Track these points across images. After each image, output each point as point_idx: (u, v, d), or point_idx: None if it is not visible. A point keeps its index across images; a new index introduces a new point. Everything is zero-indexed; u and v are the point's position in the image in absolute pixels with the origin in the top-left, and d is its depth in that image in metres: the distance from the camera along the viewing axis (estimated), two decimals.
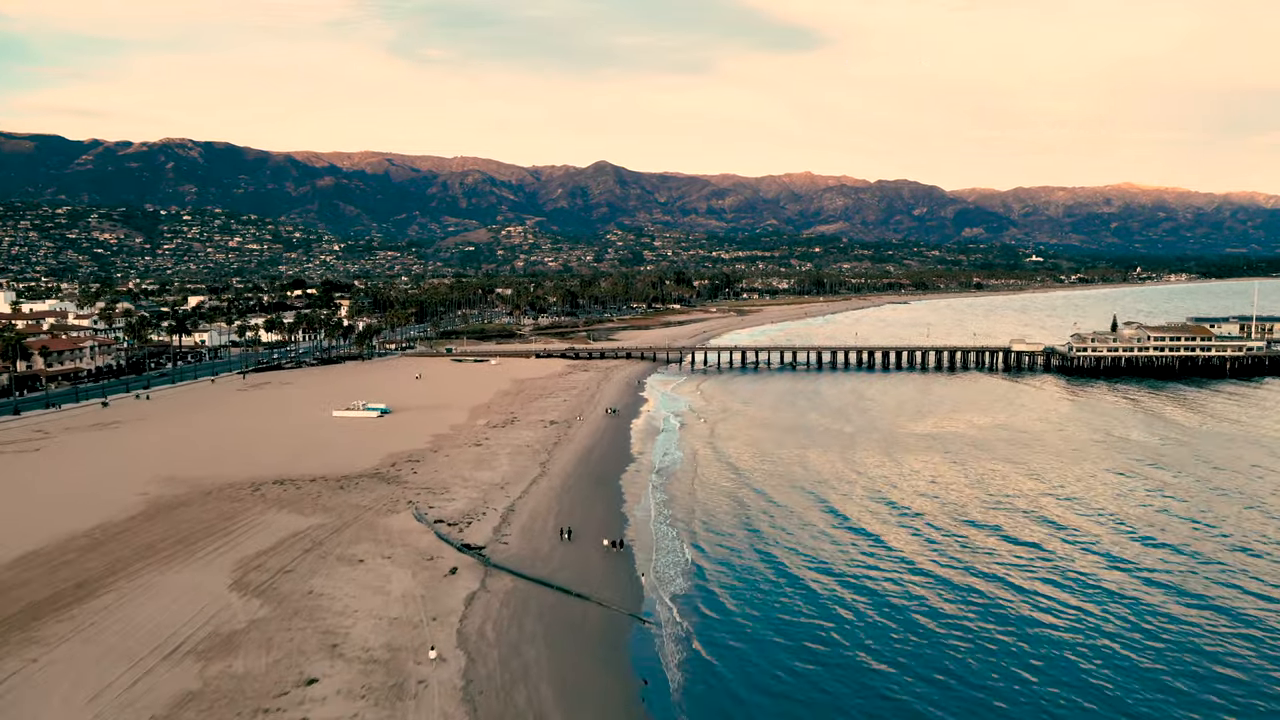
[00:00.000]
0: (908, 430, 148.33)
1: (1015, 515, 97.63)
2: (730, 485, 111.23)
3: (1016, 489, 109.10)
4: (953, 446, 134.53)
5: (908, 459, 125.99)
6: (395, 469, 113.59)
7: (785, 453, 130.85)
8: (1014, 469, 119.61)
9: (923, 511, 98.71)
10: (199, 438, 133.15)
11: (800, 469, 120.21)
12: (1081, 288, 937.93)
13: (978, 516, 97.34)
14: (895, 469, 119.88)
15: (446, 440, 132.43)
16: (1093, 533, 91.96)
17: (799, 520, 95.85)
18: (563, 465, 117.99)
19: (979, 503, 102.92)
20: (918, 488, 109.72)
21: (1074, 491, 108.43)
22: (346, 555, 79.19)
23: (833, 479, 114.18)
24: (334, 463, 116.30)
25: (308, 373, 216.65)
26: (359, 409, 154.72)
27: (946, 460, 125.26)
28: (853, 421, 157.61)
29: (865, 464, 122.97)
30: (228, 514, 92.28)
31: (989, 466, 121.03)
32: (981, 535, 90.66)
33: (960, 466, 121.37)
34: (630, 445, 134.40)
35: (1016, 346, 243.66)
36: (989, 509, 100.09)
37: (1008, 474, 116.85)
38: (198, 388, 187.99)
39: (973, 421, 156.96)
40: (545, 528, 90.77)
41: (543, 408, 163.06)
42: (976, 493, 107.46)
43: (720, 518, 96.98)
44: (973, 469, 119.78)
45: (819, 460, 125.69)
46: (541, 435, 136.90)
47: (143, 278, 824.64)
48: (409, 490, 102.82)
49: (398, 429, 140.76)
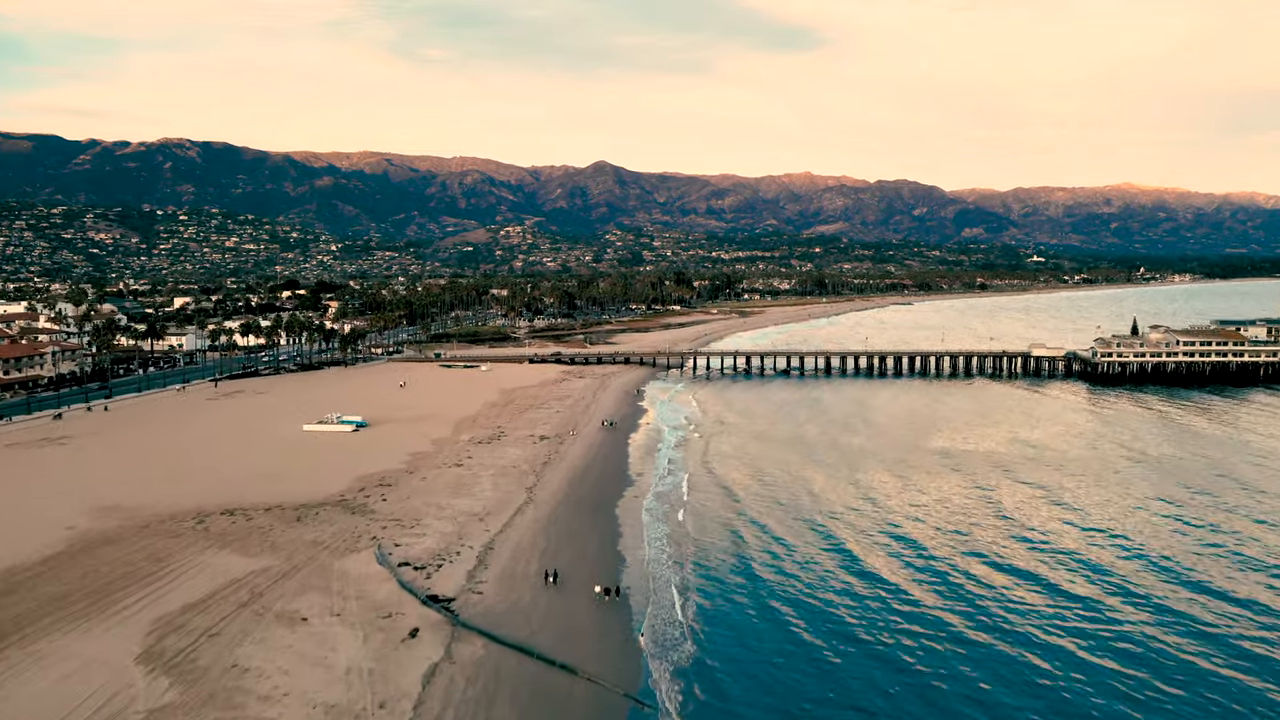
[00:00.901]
0: (924, 448, 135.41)
1: (1054, 561, 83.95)
2: (737, 518, 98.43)
3: (1051, 525, 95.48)
4: (974, 468, 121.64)
5: (926, 485, 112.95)
6: (363, 495, 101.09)
7: (793, 477, 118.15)
8: (1045, 499, 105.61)
9: (947, 556, 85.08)
10: (151, 456, 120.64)
11: (809, 498, 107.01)
12: (1085, 288, 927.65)
13: (1013, 560, 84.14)
14: (912, 499, 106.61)
15: (425, 460, 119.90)
16: (1147, 584, 78.28)
17: (811, 568, 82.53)
18: (552, 490, 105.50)
19: (1012, 545, 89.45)
20: (939, 523, 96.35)
21: (1118, 526, 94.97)
22: (288, 611, 66.62)
23: (845, 511, 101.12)
24: (295, 487, 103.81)
25: (285, 380, 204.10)
26: (332, 422, 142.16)
27: (968, 487, 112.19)
28: (863, 436, 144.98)
29: (879, 492, 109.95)
30: (160, 554, 79.73)
31: (1017, 496, 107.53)
32: (1020, 587, 77.05)
33: (984, 495, 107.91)
34: (628, 465, 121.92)
35: (1036, 351, 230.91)
36: (1025, 552, 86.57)
37: (1038, 506, 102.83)
38: (164, 397, 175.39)
39: (993, 436, 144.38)
40: (528, 570, 78.30)
41: (533, 420, 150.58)
42: (1006, 530, 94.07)
43: (727, 560, 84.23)
44: (999, 498, 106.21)
45: (829, 487, 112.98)
46: (530, 453, 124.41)
47: (137, 278, 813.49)
48: (375, 522, 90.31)
49: (372, 446, 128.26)
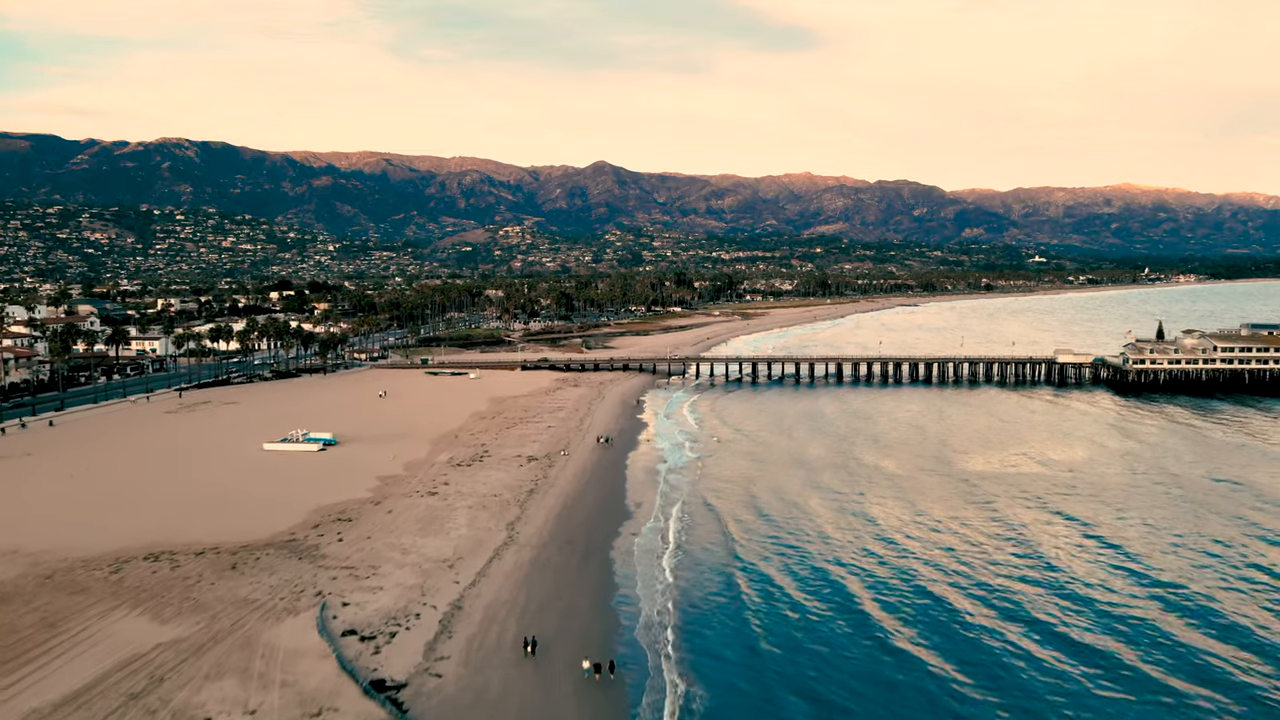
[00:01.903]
0: (948, 473, 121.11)
1: (1112, 629, 69.06)
2: (741, 570, 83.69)
3: (1099, 578, 79.82)
4: (1003, 501, 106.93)
5: (951, 523, 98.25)
6: (317, 533, 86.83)
7: (805, 514, 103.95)
8: (1090, 545, 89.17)
9: (986, 624, 69.80)
10: (85, 483, 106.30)
11: (823, 544, 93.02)
12: (1091, 289, 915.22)
13: (1064, 628, 69.47)
14: (937, 542, 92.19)
15: (395, 486, 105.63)
16: (1230, 660, 64.58)
17: (832, 641, 67.96)
18: (537, 526, 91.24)
19: (1059, 607, 74.63)
20: (969, 573, 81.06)
21: (1171, 574, 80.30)
22: (190, 708, 52.33)
23: (864, 560, 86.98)
24: (240, 522, 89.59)
25: (258, 389, 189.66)
26: (297, 440, 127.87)
27: (1000, 527, 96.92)
28: (881, 457, 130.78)
29: (902, 534, 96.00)
30: (56, 617, 65.52)
31: (1057, 539, 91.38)
32: (1079, 667, 62.51)
33: (1019, 539, 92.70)
34: (626, 492, 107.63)
35: (1062, 358, 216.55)
36: (1074, 617, 71.62)
37: (1080, 552, 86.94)
38: (121, 409, 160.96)
39: (1021, 459, 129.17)
40: (502, 638, 64.11)
41: (521, 437, 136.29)
42: (1050, 588, 79.60)
43: (732, 624, 69.97)
44: (1035, 540, 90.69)
45: (844, 527, 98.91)
46: (515, 478, 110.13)
47: (132, 278, 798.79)
48: (325, 571, 76.07)
49: (338, 468, 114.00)
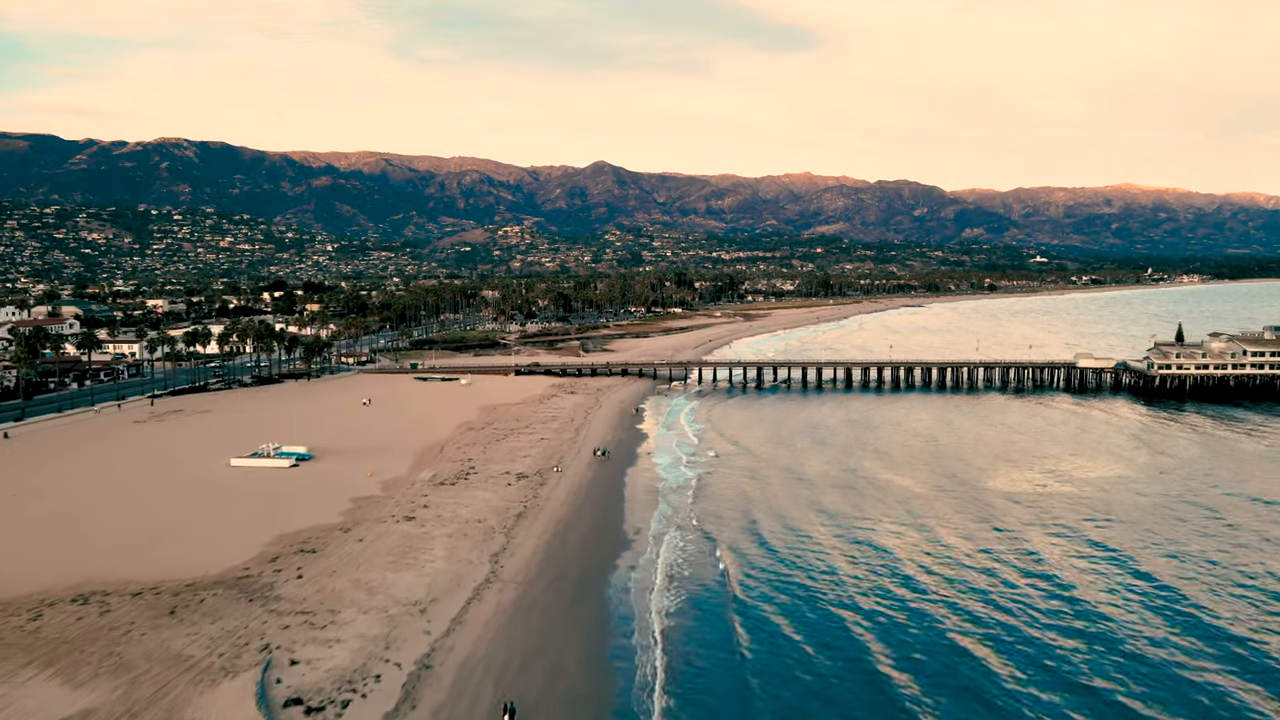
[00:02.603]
0: (973, 495, 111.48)
1: (1181, 697, 59.81)
2: (746, 616, 74.28)
3: (1152, 628, 70.72)
4: (1033, 529, 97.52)
5: (979, 557, 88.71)
6: (275, 568, 76.74)
7: (819, 545, 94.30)
8: (1140, 584, 79.56)
9: (1037, 696, 59.80)
10: (25, 504, 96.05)
11: (843, 585, 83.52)
12: (1095, 289, 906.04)
13: (1121, 696, 60.25)
14: (968, 580, 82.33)
15: (369, 509, 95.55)
16: None
17: (845, 700, 58.88)
18: (524, 558, 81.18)
19: (1110, 666, 65.45)
20: (1008, 627, 71.71)
21: (1241, 626, 69.93)
22: None
23: (881, 603, 77.48)
24: (189, 553, 79.53)
25: (236, 396, 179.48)
26: (268, 455, 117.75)
27: (1035, 566, 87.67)
28: (895, 471, 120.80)
29: (923, 565, 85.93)
30: None
31: (1096, 582, 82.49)
32: None
33: (1056, 580, 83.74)
34: (624, 515, 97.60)
35: (1082, 362, 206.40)
36: (1133, 683, 62.69)
37: (1131, 598, 76.88)
38: (86, 419, 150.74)
39: (1052, 474, 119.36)
40: (475, 708, 54.12)
41: (512, 451, 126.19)
42: (1096, 637, 70.30)
43: (750, 693, 60.32)
44: (1072, 583, 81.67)
45: (857, 559, 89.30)
46: (503, 499, 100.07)
47: (128, 279, 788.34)
48: (277, 616, 66.04)
49: (309, 488, 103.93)
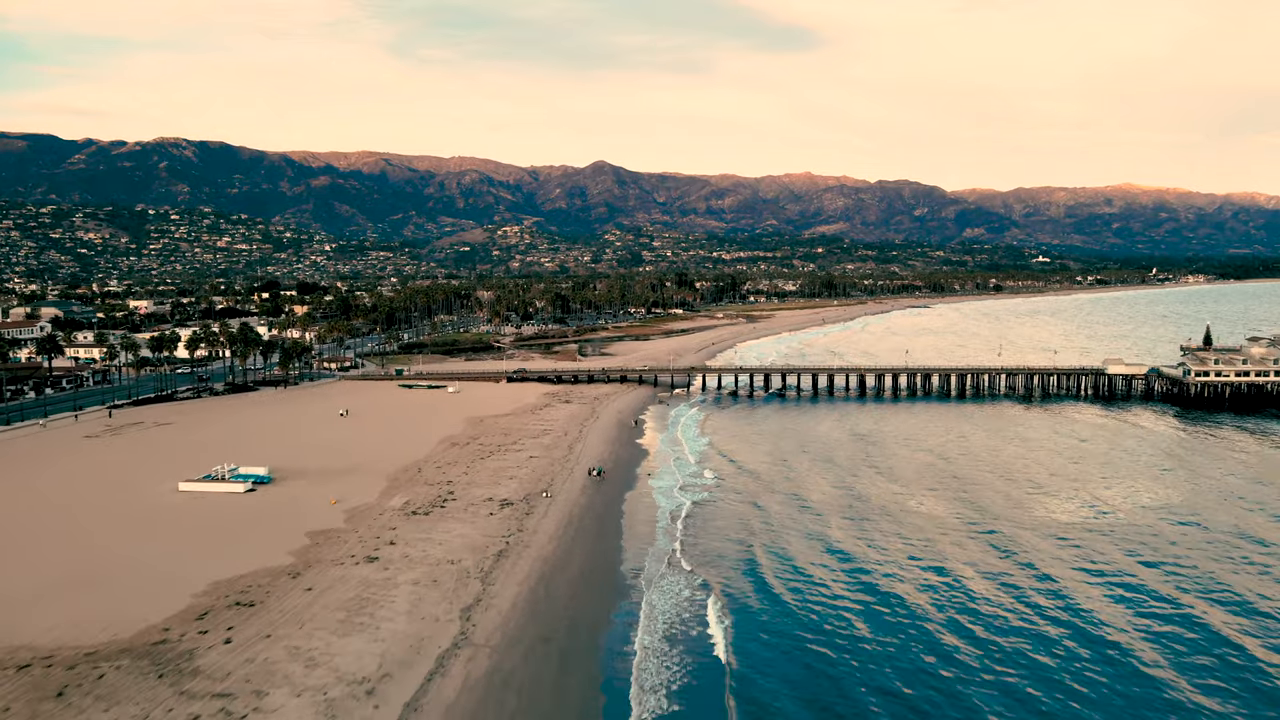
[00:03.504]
0: (1014, 527, 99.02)
1: None
2: (776, 692, 61.75)
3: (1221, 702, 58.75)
4: (1079, 562, 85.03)
5: (1031, 620, 76.23)
6: (200, 628, 63.89)
7: (833, 594, 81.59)
8: (1230, 662, 68.56)
9: None
10: None
11: (856, 653, 71.05)
12: (1100, 289, 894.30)
13: None
14: (1017, 651, 69.91)
15: (327, 546, 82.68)
16: None
17: None
18: (503, 612, 68.34)
19: None
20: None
21: None
22: None
23: (909, 685, 65.00)
24: (105, 607, 66.76)
25: (205, 406, 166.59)
26: (223, 477, 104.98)
27: (1096, 626, 75.19)
28: (917, 496, 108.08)
29: (960, 629, 73.35)
30: None
31: (1163, 652, 70.87)
32: None
33: (1125, 643, 71.22)
34: (620, 554, 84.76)
35: (1112, 368, 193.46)
36: None
37: (1194, 672, 65.56)
38: (32, 434, 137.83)
39: (1092, 506, 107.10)
40: None
41: (498, 471, 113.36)
42: None
43: None
44: (1157, 654, 69.53)
45: (880, 624, 76.67)
46: (483, 532, 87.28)
47: (124, 278, 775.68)
48: (187, 700, 53.18)
49: (262, 519, 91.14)
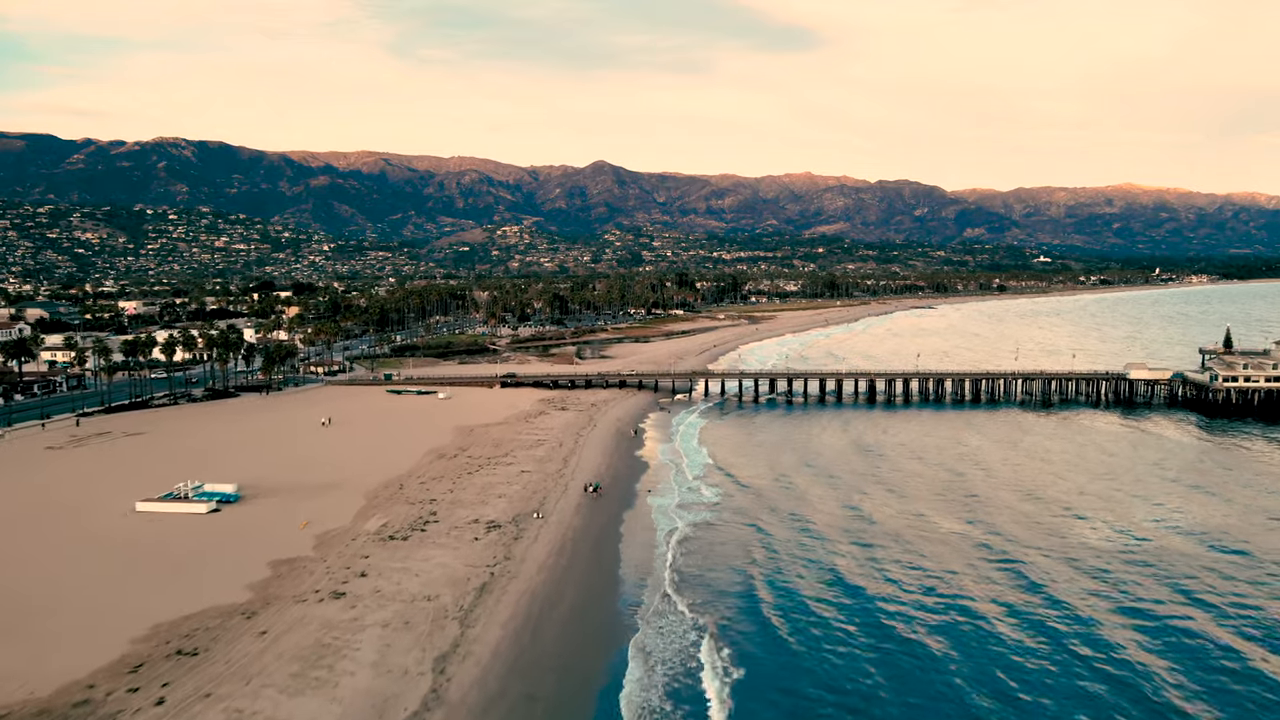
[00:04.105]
0: (1045, 555, 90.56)
1: None
2: None
3: None
4: (1112, 598, 76.62)
5: (1065, 671, 67.86)
6: (131, 683, 55.29)
7: (853, 641, 73.16)
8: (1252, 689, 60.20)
9: None
10: None
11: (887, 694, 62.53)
12: (1104, 290, 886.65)
13: None
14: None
15: (290, 579, 74.08)
16: None
17: None
18: (482, 661, 59.71)
19: None
20: None
21: None
22: None
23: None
24: (30, 654, 58.26)
25: (181, 413, 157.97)
26: (185, 496, 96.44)
27: (1151, 683, 67.01)
28: (939, 517, 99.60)
29: (992, 682, 65.08)
30: None
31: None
32: None
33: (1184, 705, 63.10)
34: (617, 586, 76.21)
35: (1134, 373, 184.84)
36: None
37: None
38: None
39: (1125, 531, 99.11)
40: None
41: (485, 488, 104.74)
42: None
43: None
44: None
45: (912, 661, 68.12)
46: (466, 561, 78.68)
47: (121, 279, 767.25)
48: None
49: (222, 545, 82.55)
